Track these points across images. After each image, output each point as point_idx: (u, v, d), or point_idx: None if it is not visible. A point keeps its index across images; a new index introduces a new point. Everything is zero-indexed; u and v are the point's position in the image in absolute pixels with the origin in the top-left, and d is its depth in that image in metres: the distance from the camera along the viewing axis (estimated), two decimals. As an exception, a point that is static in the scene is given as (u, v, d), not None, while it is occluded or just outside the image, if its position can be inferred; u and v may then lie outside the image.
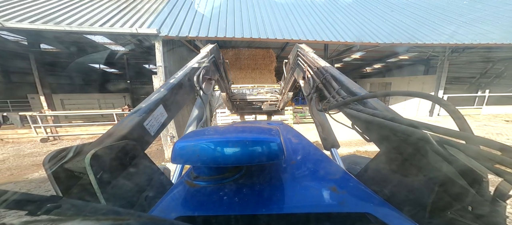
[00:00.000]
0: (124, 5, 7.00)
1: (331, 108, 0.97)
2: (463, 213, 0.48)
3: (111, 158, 0.60)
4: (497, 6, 11.19)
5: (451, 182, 0.46)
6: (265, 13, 8.68)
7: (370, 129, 0.75)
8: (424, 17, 9.90)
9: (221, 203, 0.49)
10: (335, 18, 9.24)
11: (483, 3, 11.81)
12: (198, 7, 7.89)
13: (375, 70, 18.81)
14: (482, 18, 9.79)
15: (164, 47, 5.92)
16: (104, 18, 6.05)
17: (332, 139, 1.35)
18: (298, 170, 0.69)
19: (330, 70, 1.14)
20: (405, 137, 0.56)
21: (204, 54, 1.57)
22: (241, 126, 0.89)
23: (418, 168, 0.55)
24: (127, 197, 0.61)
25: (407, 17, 9.94)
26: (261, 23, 7.69)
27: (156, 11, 6.72)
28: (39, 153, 6.86)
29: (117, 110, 8.99)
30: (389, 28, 8.47)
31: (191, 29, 6.20)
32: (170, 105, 0.96)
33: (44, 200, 0.27)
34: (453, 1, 12.27)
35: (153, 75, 5.94)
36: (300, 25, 8.03)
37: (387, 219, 0.42)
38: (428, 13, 10.45)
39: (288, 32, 7.19)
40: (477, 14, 10.29)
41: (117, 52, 10.51)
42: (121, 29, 5.65)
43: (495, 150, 0.40)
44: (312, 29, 7.75)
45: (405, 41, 7.34)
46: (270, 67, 10.82)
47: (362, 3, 11.49)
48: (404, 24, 9.04)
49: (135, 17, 6.36)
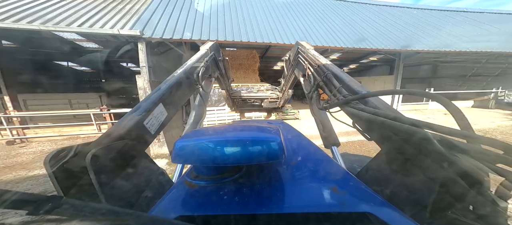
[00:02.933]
0: (103, 5, 6.89)
1: (332, 106, 0.96)
2: (465, 213, 0.48)
3: (111, 158, 0.60)
4: (439, 18, 13.42)
5: (452, 182, 0.46)
6: (247, 17, 9.25)
7: (371, 128, 0.75)
8: (382, 26, 11.46)
9: (221, 202, 0.49)
10: (309, 22, 10.21)
11: (431, 15, 14.02)
12: (182, 10, 8.08)
13: (351, 70, 20.64)
14: (425, 28, 11.71)
15: (148, 47, 6.08)
16: (82, 18, 5.96)
17: (333, 137, 1.35)
18: (298, 170, 0.68)
19: (331, 68, 1.13)
20: (407, 137, 0.56)
21: (203, 51, 1.55)
22: (241, 125, 0.88)
23: (419, 168, 0.55)
24: (127, 197, 0.62)
25: (368, 24, 11.41)
26: (243, 26, 8.23)
27: (138, 12, 6.78)
28: (7, 155, 6.45)
29: (94, 110, 8.70)
30: (353, 34, 9.72)
31: (175, 31, 6.45)
32: (169, 104, 0.96)
33: (44, 200, 0.26)
34: (407, 11, 14.28)
35: (136, 75, 6.06)
36: (278, 28, 8.78)
37: (388, 219, 0.42)
38: (384, 21, 12.10)
39: (267, 35, 7.86)
40: (424, 25, 12.24)
41: (90, 50, 10.01)
42: (101, 30, 5.64)
43: (498, 149, 0.39)
44: (289, 32, 8.56)
45: (363, 47, 8.60)
46: (254, 67, 11.39)
47: (332, 10, 12.74)
48: (365, 31, 10.41)
49: (117, 18, 6.36)
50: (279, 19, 9.94)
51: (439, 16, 14.21)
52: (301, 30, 9.26)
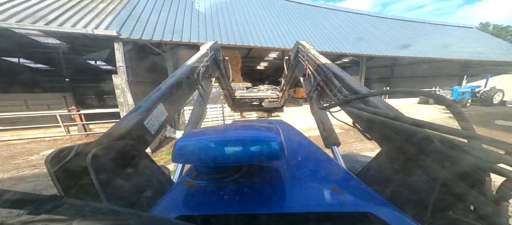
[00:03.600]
0: (74, 2, 6.47)
1: (332, 106, 0.97)
2: (466, 213, 0.48)
3: (112, 157, 0.61)
4: (391, 26, 15.57)
5: (453, 181, 0.46)
6: (228, 20, 9.55)
7: (371, 128, 0.75)
8: (346, 31, 12.91)
9: (222, 202, 0.49)
10: (286, 27, 11.00)
11: (386, 23, 16.13)
12: (161, 11, 7.98)
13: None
14: (379, 36, 13.56)
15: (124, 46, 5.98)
16: (50, 15, 5.59)
17: (333, 137, 1.35)
18: (298, 170, 0.68)
19: (331, 68, 1.13)
20: (408, 136, 0.56)
21: (204, 51, 1.55)
22: (242, 125, 0.89)
23: (420, 168, 0.55)
24: (127, 196, 0.62)
25: (335, 28, 12.73)
26: (224, 29, 8.54)
27: (114, 12, 6.56)
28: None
29: (61, 111, 8.06)
30: (322, 38, 10.84)
31: (155, 32, 6.46)
32: (170, 104, 0.96)
33: (45, 200, 0.26)
34: (367, 19, 16.16)
35: (113, 75, 5.93)
36: (257, 32, 9.31)
37: (389, 219, 0.42)
38: (349, 27, 13.62)
39: (247, 38, 8.33)
40: (380, 33, 14.12)
41: (49, 46, 9.05)
42: (72, 29, 5.37)
43: (499, 149, 0.40)
44: (266, 35, 9.16)
45: (329, 50, 9.72)
46: (237, 68, 11.74)
47: (306, 14, 13.77)
48: (331, 35, 11.65)
49: (89, 17, 6.09)
50: (258, 23, 10.50)
51: (391, 24, 16.43)
52: (278, 33, 9.97)
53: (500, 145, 0.39)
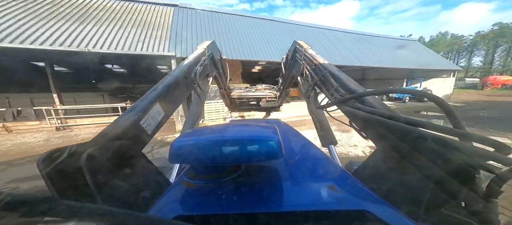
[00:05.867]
0: (142, 32, 9.88)
1: (329, 105, 0.97)
2: (458, 209, 0.49)
3: (107, 158, 0.60)
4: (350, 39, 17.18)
5: (446, 179, 0.47)
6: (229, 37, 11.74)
7: (367, 127, 0.76)
8: (321, 43, 14.49)
9: (220, 202, 0.49)
10: (269, 41, 12.75)
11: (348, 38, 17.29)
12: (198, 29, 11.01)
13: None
14: (342, 48, 14.88)
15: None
16: (131, 43, 8.70)
17: (330, 136, 1.37)
18: (296, 169, 0.68)
19: (329, 67, 1.13)
20: (402, 135, 0.57)
21: (201, 51, 1.54)
22: (239, 124, 0.92)
23: (414, 166, 0.57)
24: (124, 197, 0.61)
25: (311, 42, 16.01)
26: (228, 45, 10.90)
27: (167, 37, 9.77)
28: (67, 135, 8.95)
29: (122, 104, 11.31)
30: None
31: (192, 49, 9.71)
32: (167, 103, 0.96)
33: (39, 201, 0.25)
34: (334, 34, 17.20)
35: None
36: (248, 46, 11.29)
37: (384, 217, 0.43)
38: (318, 41, 14.74)
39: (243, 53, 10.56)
40: (340, 44, 15.53)
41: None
42: (155, 52, 8.01)
43: (488, 146, 0.41)
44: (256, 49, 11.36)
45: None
46: (238, 73, 13.56)
47: (290, 29, 15.53)
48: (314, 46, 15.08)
49: (156, 42, 9.22)
50: (249, 39, 12.05)
51: (354, 38, 17.42)
52: (265, 47, 11.77)
53: (490, 143, 0.41)
